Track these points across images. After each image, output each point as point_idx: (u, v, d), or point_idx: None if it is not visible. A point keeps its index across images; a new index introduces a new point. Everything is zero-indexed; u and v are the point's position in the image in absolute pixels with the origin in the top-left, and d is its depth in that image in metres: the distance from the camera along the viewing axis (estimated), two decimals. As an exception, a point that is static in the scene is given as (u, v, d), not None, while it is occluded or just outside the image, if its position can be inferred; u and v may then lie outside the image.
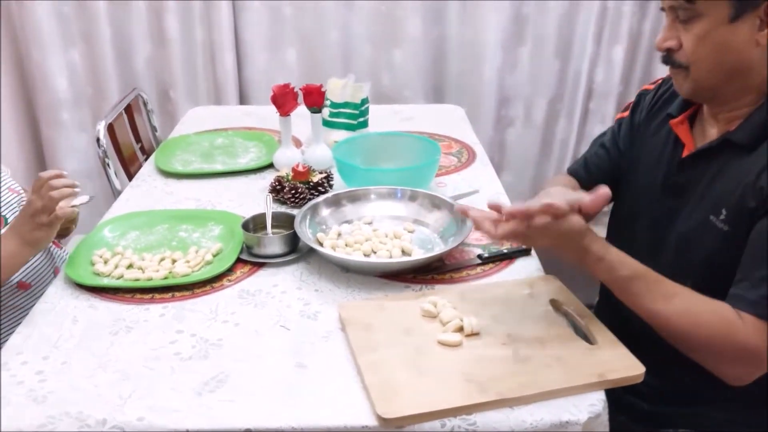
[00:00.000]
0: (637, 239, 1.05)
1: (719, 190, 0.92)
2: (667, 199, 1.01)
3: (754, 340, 0.81)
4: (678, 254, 0.97)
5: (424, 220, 1.21)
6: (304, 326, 0.95)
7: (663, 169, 1.02)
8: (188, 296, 1.02)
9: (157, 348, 0.90)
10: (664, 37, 0.93)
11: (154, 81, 2.36)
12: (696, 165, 0.97)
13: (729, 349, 0.83)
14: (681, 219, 0.97)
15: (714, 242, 0.91)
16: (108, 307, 1.00)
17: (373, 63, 2.30)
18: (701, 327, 0.84)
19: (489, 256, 1.10)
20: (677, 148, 1.01)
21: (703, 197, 0.94)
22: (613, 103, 2.31)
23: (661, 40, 0.94)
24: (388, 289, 1.03)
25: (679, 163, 0.99)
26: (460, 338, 0.87)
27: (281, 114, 1.43)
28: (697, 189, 0.96)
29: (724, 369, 0.85)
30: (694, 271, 0.92)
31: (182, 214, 1.27)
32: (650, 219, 1.04)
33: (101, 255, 1.11)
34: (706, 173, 0.95)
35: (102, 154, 1.55)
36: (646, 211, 1.05)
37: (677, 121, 1.02)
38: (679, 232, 0.97)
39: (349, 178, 1.34)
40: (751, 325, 0.82)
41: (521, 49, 2.27)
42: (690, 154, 0.98)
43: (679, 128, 1.02)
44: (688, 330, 0.85)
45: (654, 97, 1.11)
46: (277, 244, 1.11)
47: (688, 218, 0.96)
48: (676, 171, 1.00)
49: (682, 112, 1.02)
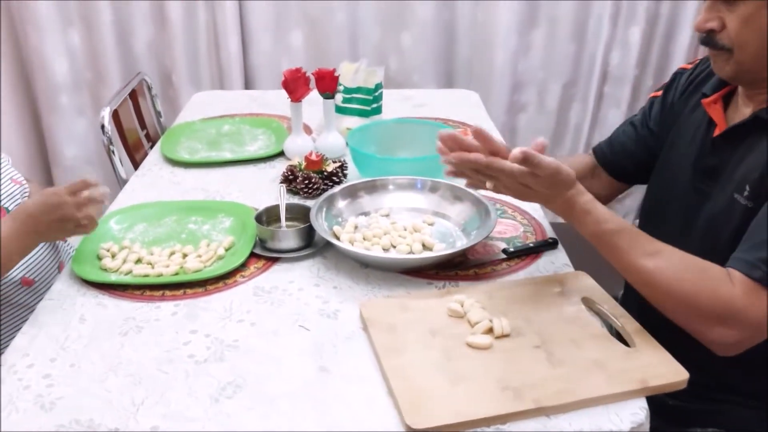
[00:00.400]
0: (668, 221, 1.02)
1: (745, 167, 0.89)
2: (698, 180, 0.97)
3: (740, 300, 0.77)
4: (707, 235, 0.94)
5: (446, 213, 1.15)
6: (324, 326, 0.90)
7: (695, 150, 0.99)
8: (201, 293, 0.97)
9: (170, 350, 0.86)
10: (705, 18, 0.88)
11: (155, 64, 2.30)
12: (727, 145, 0.93)
13: (711, 306, 0.79)
14: (711, 201, 0.94)
15: (739, 220, 0.87)
16: (117, 304, 0.96)
17: (382, 46, 2.24)
18: (684, 281, 0.81)
19: (514, 250, 1.06)
20: (710, 128, 0.97)
21: (732, 176, 0.91)
22: (628, 87, 2.25)
23: (702, 20, 0.88)
24: (410, 286, 0.99)
25: (711, 144, 0.95)
26: (491, 340, 0.83)
27: (293, 100, 1.37)
28: (727, 169, 0.92)
29: (708, 332, 0.81)
30: (723, 250, 0.88)
31: (191, 205, 1.22)
32: (681, 201, 1.00)
33: (108, 249, 1.06)
34: (735, 153, 0.92)
35: (107, 141, 1.49)
36: (678, 193, 1.01)
37: (710, 100, 0.98)
38: (709, 214, 0.94)
39: (365, 168, 1.28)
40: (740, 283, 0.78)
41: (535, 31, 2.21)
42: (721, 134, 0.94)
43: (711, 108, 0.97)
44: (670, 284, 0.82)
45: (690, 76, 1.06)
46: (292, 238, 1.06)
47: (717, 199, 0.93)
48: (708, 152, 0.96)
49: (715, 91, 0.98)
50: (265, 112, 1.73)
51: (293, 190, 1.27)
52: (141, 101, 1.77)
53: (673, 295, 0.82)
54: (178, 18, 2.18)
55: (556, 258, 1.06)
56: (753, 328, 0.79)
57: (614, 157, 1.15)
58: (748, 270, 0.79)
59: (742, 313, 0.78)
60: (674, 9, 2.16)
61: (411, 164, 1.25)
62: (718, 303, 0.79)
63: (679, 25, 2.18)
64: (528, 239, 1.10)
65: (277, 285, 0.99)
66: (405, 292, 0.97)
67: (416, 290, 0.97)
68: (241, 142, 1.52)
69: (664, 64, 2.24)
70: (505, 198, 1.24)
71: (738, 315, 0.78)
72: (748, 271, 0.79)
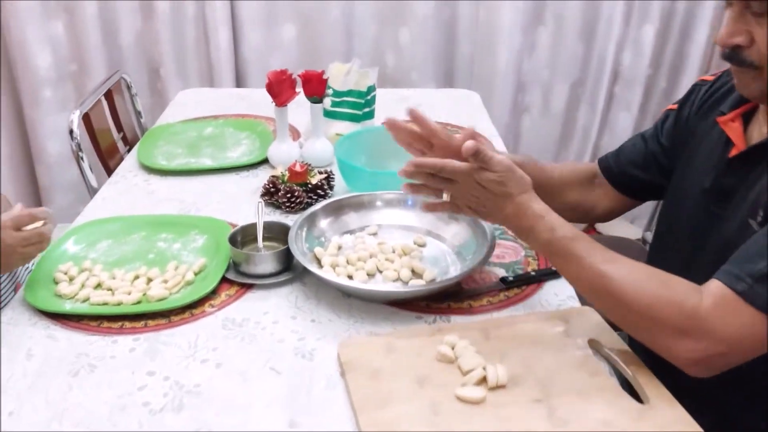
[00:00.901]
0: (679, 243, 0.93)
1: (758, 190, 0.80)
2: (711, 202, 0.88)
3: (709, 311, 0.69)
4: (719, 261, 0.83)
5: (440, 233, 1.05)
6: (298, 369, 0.80)
7: (709, 170, 0.89)
8: (163, 325, 0.88)
9: (123, 395, 0.76)
10: (730, 31, 0.77)
11: (142, 58, 2.20)
12: (743, 166, 0.84)
13: (674, 316, 0.71)
14: (724, 224, 0.85)
15: None
16: (69, 337, 0.86)
17: (378, 43, 2.12)
18: (646, 290, 0.73)
19: (514, 279, 0.96)
20: (726, 148, 0.87)
21: (745, 199, 0.82)
22: (640, 89, 2.14)
23: (726, 34, 0.77)
24: (397, 320, 0.89)
25: (727, 164, 0.85)
26: (483, 393, 0.73)
27: (277, 104, 1.27)
28: (740, 191, 0.83)
29: (672, 345, 0.72)
30: None
31: (162, 220, 1.12)
32: (693, 222, 0.91)
33: (66, 271, 0.97)
34: (751, 174, 0.82)
35: (75, 147, 1.39)
36: (691, 214, 0.92)
37: (727, 118, 0.88)
38: (721, 238, 0.84)
39: (353, 181, 1.18)
40: (716, 295, 0.70)
41: (540, 29, 2.09)
42: (738, 154, 0.84)
43: (729, 126, 0.87)
44: (629, 292, 0.73)
45: (709, 90, 0.96)
46: (269, 262, 0.96)
47: (730, 223, 0.83)
48: (723, 173, 0.86)
49: (733, 109, 0.88)
50: (252, 113, 1.62)
51: (275, 203, 1.17)
52: (118, 101, 1.66)
53: (633, 303, 0.73)
54: (166, 10, 2.07)
55: (560, 289, 0.96)
56: (724, 344, 0.70)
57: (619, 169, 1.06)
58: (732, 282, 0.70)
59: (710, 324, 0.69)
60: (690, 7, 2.04)
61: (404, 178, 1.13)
62: (683, 312, 0.70)
63: (696, 24, 2.07)
64: (530, 265, 1.00)
65: (249, 316, 0.90)
66: (391, 327, 0.87)
67: (403, 325, 0.88)
68: (223, 147, 1.42)
69: (679, 64, 2.12)
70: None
71: (704, 326, 0.70)
72: (731, 283, 0.70)
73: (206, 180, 1.29)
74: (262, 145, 1.40)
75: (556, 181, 1.04)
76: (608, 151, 1.10)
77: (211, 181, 1.29)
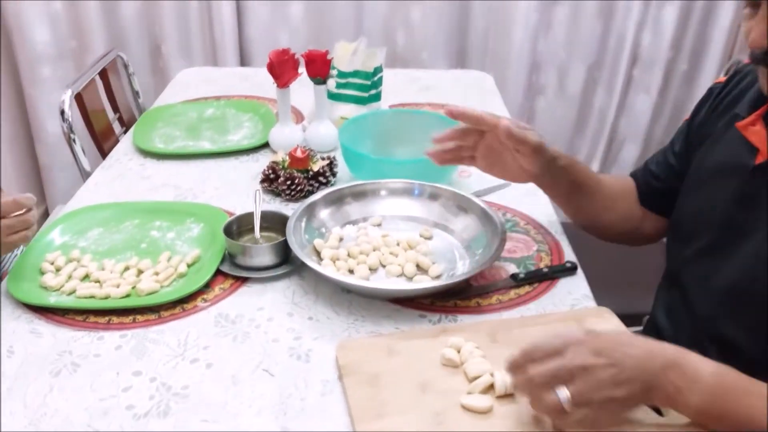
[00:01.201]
0: (696, 259, 0.85)
1: None
2: (733, 213, 0.80)
3: None
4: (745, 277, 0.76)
5: (447, 225, 0.99)
6: (293, 371, 0.75)
7: (731, 179, 0.81)
8: (153, 321, 0.83)
9: (106, 398, 0.72)
10: (764, 32, 0.69)
11: (144, 34, 2.13)
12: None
13: None
14: (747, 237, 0.77)
15: None
16: (54, 333, 0.81)
17: (388, 20, 2.04)
18: None
19: (525, 276, 0.90)
20: (750, 154, 0.79)
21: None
22: (660, 71, 2.05)
23: (760, 35, 0.69)
24: (399, 319, 0.83)
25: (752, 172, 0.78)
26: (491, 402, 0.68)
27: (279, 85, 1.21)
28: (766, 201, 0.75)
29: None
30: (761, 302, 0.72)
31: (157, 207, 1.07)
32: (712, 236, 0.82)
33: (53, 261, 0.92)
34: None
35: (67, 129, 1.33)
36: (709, 226, 0.83)
37: (747, 122, 0.80)
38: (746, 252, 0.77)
39: (357, 168, 1.12)
40: None
41: (557, 8, 2.00)
42: (765, 162, 0.76)
43: (750, 131, 0.79)
44: None
45: (722, 93, 0.88)
46: (266, 254, 0.91)
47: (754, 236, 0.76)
48: (748, 181, 0.78)
49: (751, 111, 0.80)
50: (256, 94, 1.56)
51: (274, 191, 1.11)
52: (114, 80, 1.60)
53: None
54: (168, -16, 2.01)
55: (575, 287, 0.90)
56: None
57: (647, 179, 0.98)
58: None
59: None
60: (714, -16, 1.94)
61: (411, 166, 1.07)
62: None
63: (719, 6, 1.97)
64: (542, 261, 0.94)
65: (243, 313, 0.85)
66: (392, 326, 0.82)
67: (406, 325, 0.82)
68: (223, 130, 1.36)
69: (701, 49, 2.03)
70: (517, 207, 1.08)
71: None
72: None
73: (204, 164, 1.24)
74: (265, 128, 1.34)
75: (605, 188, 0.96)
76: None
77: (210, 165, 1.24)
